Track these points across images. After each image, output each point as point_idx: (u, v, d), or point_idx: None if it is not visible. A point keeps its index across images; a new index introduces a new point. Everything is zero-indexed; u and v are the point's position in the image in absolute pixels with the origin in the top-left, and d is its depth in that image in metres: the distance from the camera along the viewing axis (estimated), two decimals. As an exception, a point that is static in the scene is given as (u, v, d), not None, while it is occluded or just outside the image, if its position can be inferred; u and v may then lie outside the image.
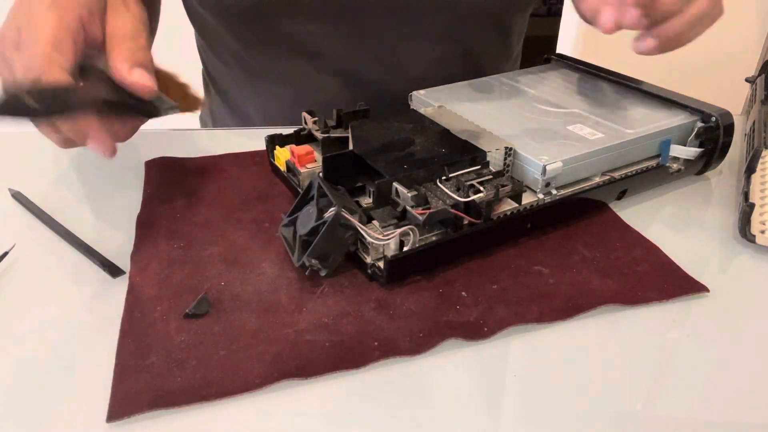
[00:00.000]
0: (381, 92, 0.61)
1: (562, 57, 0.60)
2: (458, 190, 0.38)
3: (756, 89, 0.59)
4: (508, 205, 0.40)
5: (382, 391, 0.31)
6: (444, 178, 0.39)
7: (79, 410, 0.30)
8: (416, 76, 0.59)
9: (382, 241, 0.36)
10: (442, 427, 0.29)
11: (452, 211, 0.37)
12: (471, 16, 0.59)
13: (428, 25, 0.58)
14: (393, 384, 0.31)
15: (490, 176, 0.39)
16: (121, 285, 0.37)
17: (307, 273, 0.37)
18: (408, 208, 0.37)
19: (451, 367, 0.32)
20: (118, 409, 0.29)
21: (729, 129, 0.47)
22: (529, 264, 0.39)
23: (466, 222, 0.38)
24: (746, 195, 0.43)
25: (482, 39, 0.62)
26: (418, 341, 0.33)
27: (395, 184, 0.38)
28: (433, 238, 0.38)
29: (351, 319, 0.34)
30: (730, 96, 0.72)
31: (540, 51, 0.65)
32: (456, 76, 0.55)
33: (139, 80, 0.38)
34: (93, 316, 0.35)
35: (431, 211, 0.36)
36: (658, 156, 0.47)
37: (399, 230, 0.36)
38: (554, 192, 0.42)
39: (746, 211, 0.42)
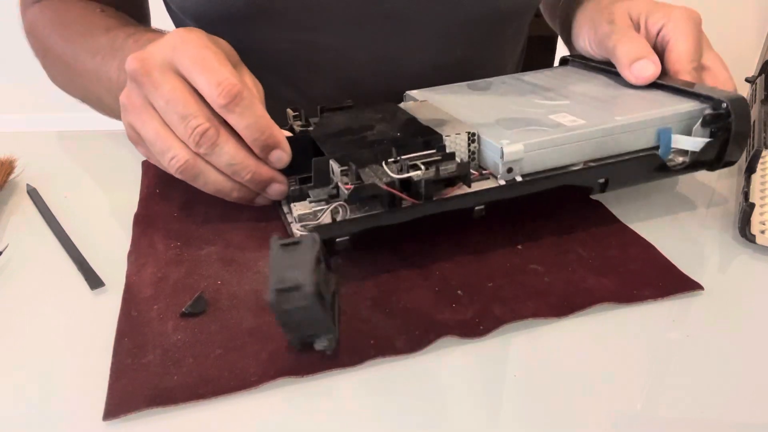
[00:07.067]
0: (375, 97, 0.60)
1: (581, 58, 0.57)
2: (401, 170, 0.37)
3: (756, 89, 0.59)
4: (464, 191, 0.39)
5: (378, 390, 0.31)
6: (392, 160, 0.38)
7: (75, 409, 0.30)
8: (413, 80, 0.58)
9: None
10: (440, 425, 0.29)
11: (384, 187, 0.36)
12: (471, 21, 0.58)
13: (427, 30, 0.57)
14: (389, 382, 0.31)
15: (438, 158, 0.38)
16: (117, 286, 0.37)
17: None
18: (339, 183, 0.36)
19: (449, 366, 0.32)
20: (115, 408, 0.29)
21: (743, 116, 0.41)
22: (525, 262, 0.39)
23: (408, 204, 0.37)
24: (746, 195, 0.43)
25: (482, 45, 0.61)
26: (414, 339, 0.33)
27: (331, 162, 0.37)
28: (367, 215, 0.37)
29: (347, 318, 0.34)
30: (730, 96, 0.72)
31: (540, 51, 0.65)
32: (454, 81, 0.55)
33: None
34: (88, 315, 0.35)
35: (357, 185, 0.35)
36: (656, 148, 0.43)
37: (329, 206, 0.37)
38: (518, 179, 0.40)
39: (746, 211, 0.42)
